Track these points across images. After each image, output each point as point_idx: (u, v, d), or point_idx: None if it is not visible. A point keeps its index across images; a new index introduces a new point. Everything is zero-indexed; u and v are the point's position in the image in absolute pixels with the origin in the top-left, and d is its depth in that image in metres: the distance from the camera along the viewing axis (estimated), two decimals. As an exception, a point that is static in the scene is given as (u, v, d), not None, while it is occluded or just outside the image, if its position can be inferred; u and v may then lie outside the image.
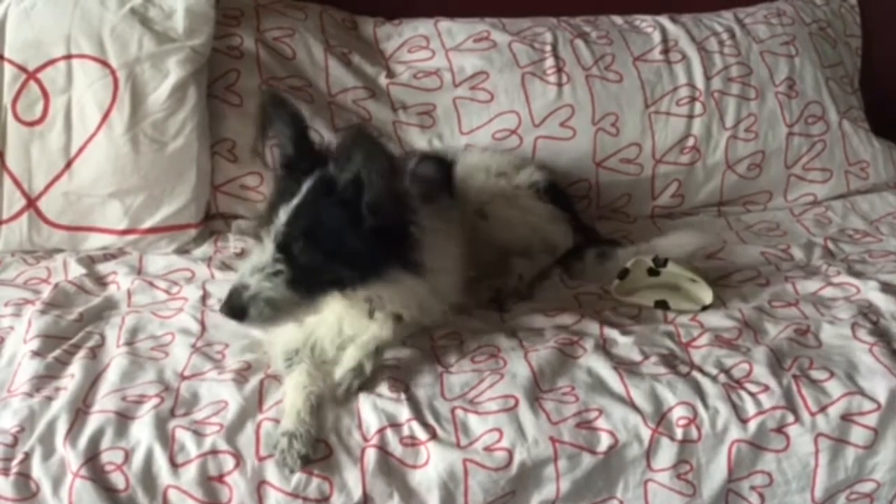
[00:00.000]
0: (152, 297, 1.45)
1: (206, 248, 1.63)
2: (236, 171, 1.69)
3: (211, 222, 1.69)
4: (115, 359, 1.26)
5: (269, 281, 1.15)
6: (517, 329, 1.37)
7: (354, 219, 1.16)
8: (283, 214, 1.17)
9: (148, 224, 1.60)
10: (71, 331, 1.33)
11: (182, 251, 1.62)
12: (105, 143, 1.55)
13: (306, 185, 1.18)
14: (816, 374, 1.24)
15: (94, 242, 1.60)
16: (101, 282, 1.50)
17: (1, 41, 1.54)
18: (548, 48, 1.86)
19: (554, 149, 1.80)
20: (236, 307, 1.14)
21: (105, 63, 1.54)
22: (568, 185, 1.77)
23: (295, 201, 1.17)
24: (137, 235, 1.60)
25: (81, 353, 1.27)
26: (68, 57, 1.54)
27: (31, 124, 1.55)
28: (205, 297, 1.43)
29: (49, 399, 1.16)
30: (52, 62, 1.55)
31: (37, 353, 1.25)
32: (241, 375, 1.23)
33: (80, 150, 1.56)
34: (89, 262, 1.55)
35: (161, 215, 1.60)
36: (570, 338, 1.32)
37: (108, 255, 1.59)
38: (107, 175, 1.56)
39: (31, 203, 1.57)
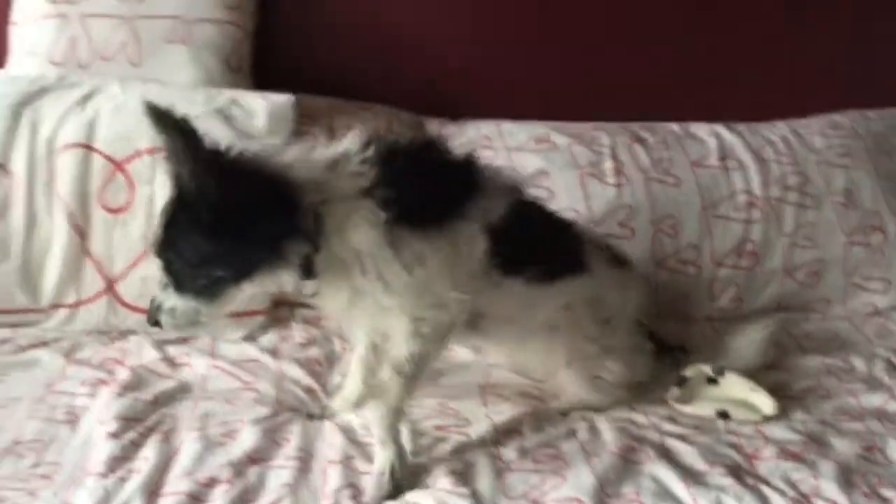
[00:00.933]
0: (225, 383, 1.49)
1: (271, 336, 1.68)
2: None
3: (276, 310, 1.74)
4: (186, 443, 1.29)
5: (166, 292, 1.23)
6: (577, 430, 1.38)
7: (196, 218, 1.16)
8: (158, 230, 1.22)
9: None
10: (145, 413, 1.37)
11: (249, 338, 1.67)
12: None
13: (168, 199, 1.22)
14: (886, 492, 1.22)
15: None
16: (173, 364, 1.55)
17: (94, 134, 1.63)
18: (606, 150, 1.92)
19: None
20: (151, 319, 1.26)
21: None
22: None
23: (162, 217, 1.22)
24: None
25: (156, 436, 1.30)
26: (153, 150, 1.63)
27: (115, 211, 1.64)
28: (276, 388, 1.47)
29: (123, 480, 1.19)
30: (138, 154, 1.64)
31: (113, 435, 1.28)
32: (304, 462, 1.25)
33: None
34: (162, 345, 1.60)
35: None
36: (632, 444, 1.32)
37: (181, 339, 1.63)
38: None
39: (111, 286, 1.65)
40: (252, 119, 1.67)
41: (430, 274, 1.27)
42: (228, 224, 1.15)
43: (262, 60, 1.90)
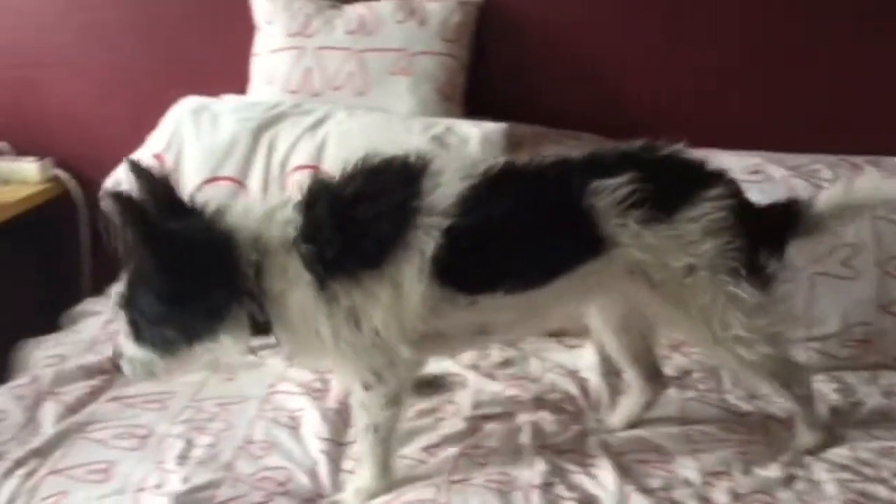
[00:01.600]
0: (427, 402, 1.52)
1: (472, 354, 1.73)
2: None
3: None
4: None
5: (128, 341, 1.23)
6: (795, 477, 1.29)
7: (149, 280, 1.17)
8: (124, 281, 1.22)
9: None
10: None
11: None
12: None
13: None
14: None
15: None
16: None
17: (322, 157, 1.76)
18: (826, 185, 1.81)
19: (832, 286, 1.72)
20: (116, 366, 1.26)
21: (406, 181, 1.73)
22: (845, 328, 1.68)
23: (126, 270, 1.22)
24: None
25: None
26: (376, 173, 1.74)
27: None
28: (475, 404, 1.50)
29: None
30: (361, 177, 1.76)
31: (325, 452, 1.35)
32: (504, 485, 1.26)
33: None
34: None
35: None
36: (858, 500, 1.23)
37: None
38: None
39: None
40: (466, 146, 1.73)
41: (373, 329, 1.19)
42: (174, 289, 1.16)
43: (472, 90, 1.97)
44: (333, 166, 1.69)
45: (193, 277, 1.16)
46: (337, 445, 1.37)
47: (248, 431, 1.41)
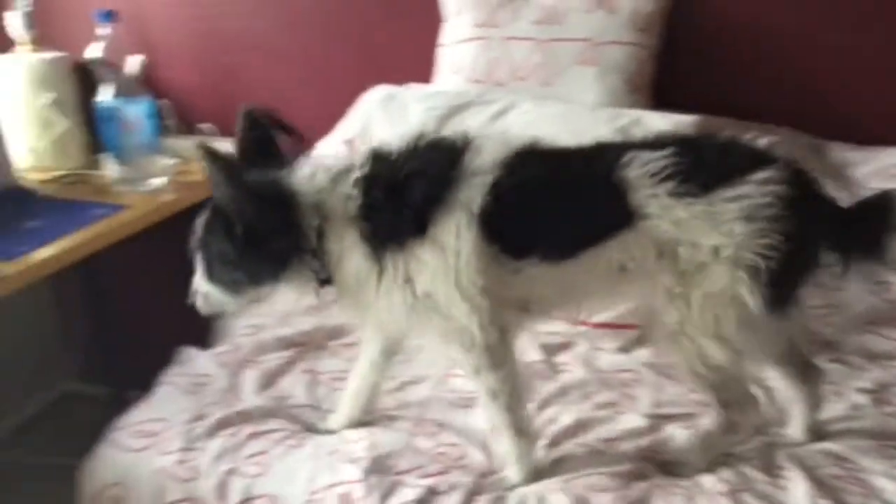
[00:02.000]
0: (604, 392, 1.53)
1: (644, 352, 1.70)
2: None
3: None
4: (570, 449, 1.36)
5: (202, 279, 1.32)
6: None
7: (225, 228, 1.24)
8: (201, 221, 1.30)
9: (598, 319, 1.71)
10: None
11: (623, 350, 1.71)
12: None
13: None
14: None
15: (547, 326, 1.76)
16: (555, 369, 1.64)
17: (504, 147, 1.79)
18: None
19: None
20: (191, 300, 1.35)
21: (588, 173, 1.71)
22: None
23: (206, 210, 1.30)
24: (587, 328, 1.73)
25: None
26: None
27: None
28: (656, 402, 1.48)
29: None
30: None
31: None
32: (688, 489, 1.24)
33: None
34: (546, 349, 1.69)
35: (612, 313, 1.70)
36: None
37: (562, 345, 1.71)
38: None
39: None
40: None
41: (426, 293, 1.22)
42: (246, 240, 1.23)
43: (660, 81, 1.92)
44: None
45: (260, 230, 1.23)
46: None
47: (420, 410, 1.48)
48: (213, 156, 1.19)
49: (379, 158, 1.28)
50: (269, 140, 1.30)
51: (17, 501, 2.22)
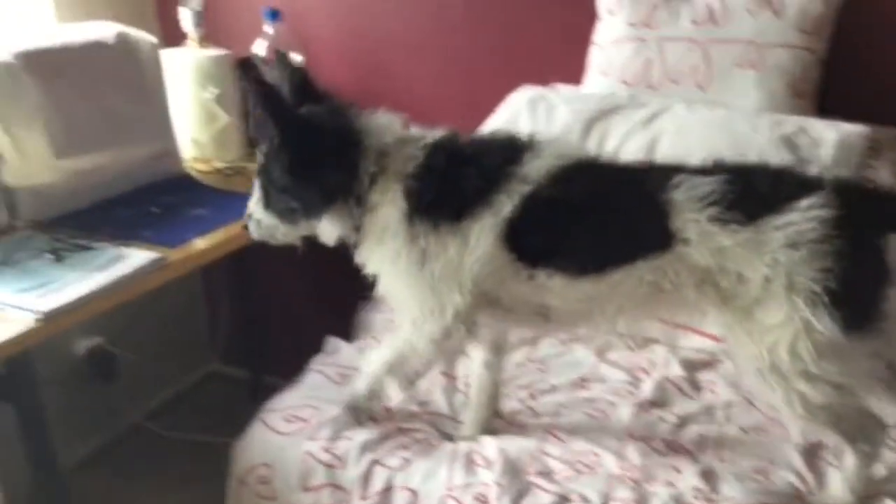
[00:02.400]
0: (750, 415, 1.47)
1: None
2: None
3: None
4: (721, 473, 1.32)
5: (258, 206, 1.40)
6: None
7: (284, 157, 1.30)
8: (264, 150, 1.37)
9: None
10: (671, 433, 1.44)
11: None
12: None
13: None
14: None
15: (691, 342, 1.70)
16: (697, 386, 1.58)
17: (653, 152, 1.71)
18: None
19: None
20: (244, 224, 1.45)
21: (744, 182, 1.63)
22: None
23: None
24: (732, 346, 1.66)
25: (684, 459, 1.36)
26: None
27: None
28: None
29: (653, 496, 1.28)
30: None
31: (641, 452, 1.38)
32: None
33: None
34: (688, 364, 1.63)
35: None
36: None
37: (706, 363, 1.65)
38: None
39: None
40: (818, 149, 1.59)
41: (435, 272, 1.29)
42: (303, 170, 1.31)
43: (825, 87, 1.80)
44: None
45: (317, 162, 1.31)
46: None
47: (552, 418, 1.49)
48: (254, 78, 1.31)
49: (452, 138, 1.36)
50: (305, 75, 1.40)
51: (162, 474, 2.36)
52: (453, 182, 1.29)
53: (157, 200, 1.97)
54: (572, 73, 2.02)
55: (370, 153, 1.32)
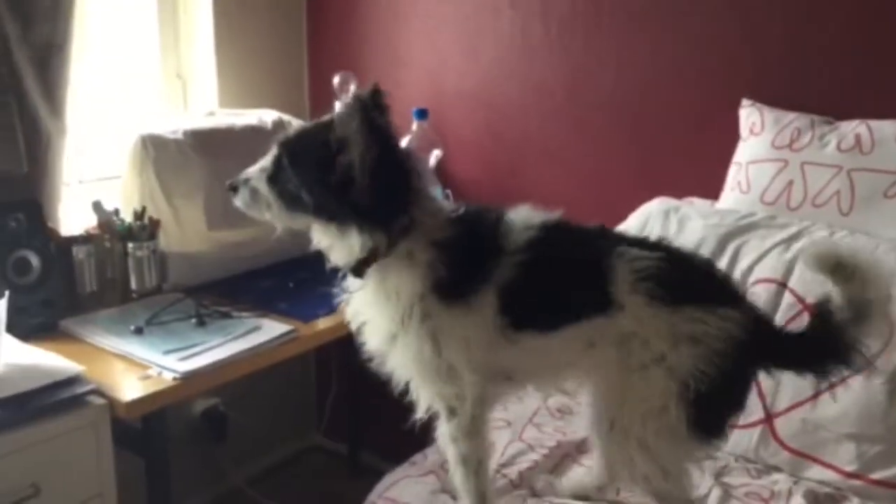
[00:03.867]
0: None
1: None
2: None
3: None
4: None
5: (260, 175, 1.35)
6: None
7: (327, 164, 1.24)
8: (296, 130, 1.36)
9: (877, 475, 1.54)
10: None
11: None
12: (859, 387, 1.56)
13: (324, 118, 1.31)
14: None
15: (817, 474, 1.61)
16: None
17: (789, 273, 1.70)
18: None
19: None
20: (232, 185, 1.40)
21: (886, 313, 1.58)
22: None
23: (306, 126, 1.35)
24: (862, 483, 1.57)
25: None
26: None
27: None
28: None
29: None
30: (830, 300, 1.65)
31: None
32: None
33: (832, 385, 1.59)
34: (811, 497, 1.56)
35: (895, 470, 1.54)
36: None
37: (829, 497, 1.57)
38: (851, 416, 1.57)
39: (769, 419, 1.67)
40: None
41: (453, 353, 1.30)
42: (343, 177, 1.24)
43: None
44: (803, 286, 1.67)
45: (368, 185, 1.24)
46: None
47: None
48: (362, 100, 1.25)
49: (479, 213, 1.38)
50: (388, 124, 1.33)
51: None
52: (469, 266, 1.32)
53: (293, 275, 2.09)
54: (710, 191, 2.04)
55: (415, 205, 1.30)
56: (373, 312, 1.37)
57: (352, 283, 1.38)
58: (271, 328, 1.76)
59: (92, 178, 2.22)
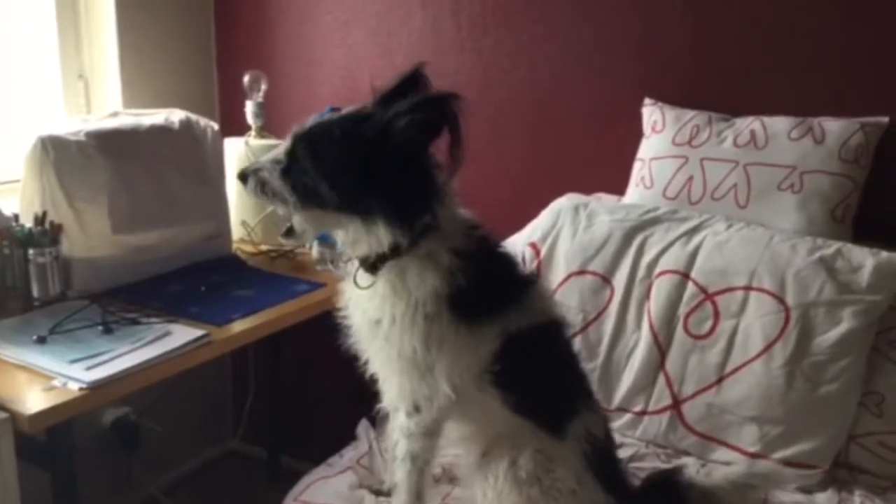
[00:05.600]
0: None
1: (829, 495, 1.60)
2: (878, 425, 1.63)
3: (836, 470, 1.65)
4: None
5: (273, 167, 1.30)
6: None
7: (358, 154, 1.21)
8: (312, 122, 1.30)
9: (778, 455, 1.63)
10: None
11: (805, 491, 1.61)
12: (760, 371, 1.65)
13: (349, 109, 1.29)
14: None
15: (723, 456, 1.69)
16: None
17: (692, 265, 1.77)
18: None
19: None
20: (242, 174, 1.35)
21: (781, 300, 1.66)
22: None
23: (327, 115, 1.29)
24: (765, 462, 1.65)
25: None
26: (748, 289, 1.70)
27: (696, 337, 1.74)
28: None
29: None
30: (730, 290, 1.72)
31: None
32: None
33: (735, 370, 1.68)
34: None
35: (793, 450, 1.62)
36: None
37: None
38: (753, 399, 1.65)
39: (676, 404, 1.74)
40: (855, 273, 1.63)
41: (440, 360, 1.31)
42: (375, 169, 1.21)
43: (861, 213, 1.85)
44: (704, 276, 1.74)
45: (396, 180, 1.23)
46: None
47: None
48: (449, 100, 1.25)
49: (484, 242, 1.38)
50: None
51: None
52: (486, 280, 1.33)
53: (205, 279, 2.05)
54: (617, 186, 2.10)
55: (439, 205, 1.29)
56: (374, 304, 1.35)
57: (361, 278, 1.36)
58: (182, 333, 1.72)
59: (-11, 183, 2.13)
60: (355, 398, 1.57)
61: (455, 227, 1.33)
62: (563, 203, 2.00)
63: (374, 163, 1.22)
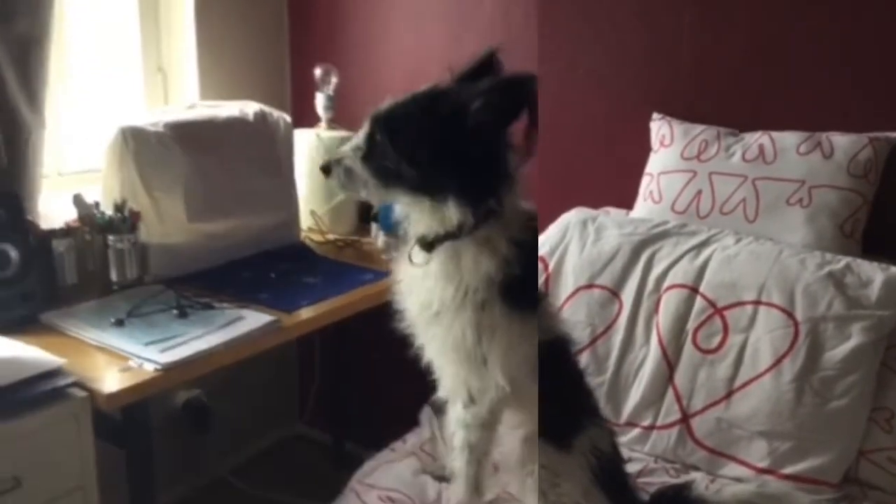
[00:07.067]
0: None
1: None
2: (888, 441, 1.62)
3: (846, 486, 1.64)
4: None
5: (354, 154, 1.30)
6: None
7: (436, 130, 1.21)
8: (389, 104, 1.29)
9: (788, 470, 1.62)
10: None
11: (816, 506, 1.60)
12: (769, 386, 1.64)
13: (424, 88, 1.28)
14: None
15: (732, 471, 1.68)
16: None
17: (701, 279, 1.77)
18: None
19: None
20: (325, 166, 1.34)
21: (790, 315, 1.66)
22: None
23: (405, 98, 1.28)
24: (774, 478, 1.64)
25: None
26: (757, 303, 1.69)
27: (705, 352, 1.73)
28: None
29: None
30: (740, 304, 1.71)
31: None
32: None
33: (744, 385, 1.68)
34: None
35: (803, 466, 1.61)
36: None
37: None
38: (762, 414, 1.65)
39: (685, 419, 1.74)
40: (865, 288, 1.63)
41: (492, 351, 1.31)
42: (451, 146, 1.21)
43: (870, 228, 1.85)
44: (713, 290, 1.74)
45: (473, 158, 1.23)
46: None
47: None
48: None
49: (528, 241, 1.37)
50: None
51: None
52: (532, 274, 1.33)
53: (275, 266, 2.09)
54: (625, 200, 2.11)
55: (506, 193, 1.29)
56: (427, 286, 1.35)
57: (416, 255, 1.35)
58: (253, 318, 1.75)
59: (72, 171, 2.22)
60: (418, 385, 1.57)
61: (516, 215, 1.32)
62: (572, 217, 2.01)
63: (451, 140, 1.22)
